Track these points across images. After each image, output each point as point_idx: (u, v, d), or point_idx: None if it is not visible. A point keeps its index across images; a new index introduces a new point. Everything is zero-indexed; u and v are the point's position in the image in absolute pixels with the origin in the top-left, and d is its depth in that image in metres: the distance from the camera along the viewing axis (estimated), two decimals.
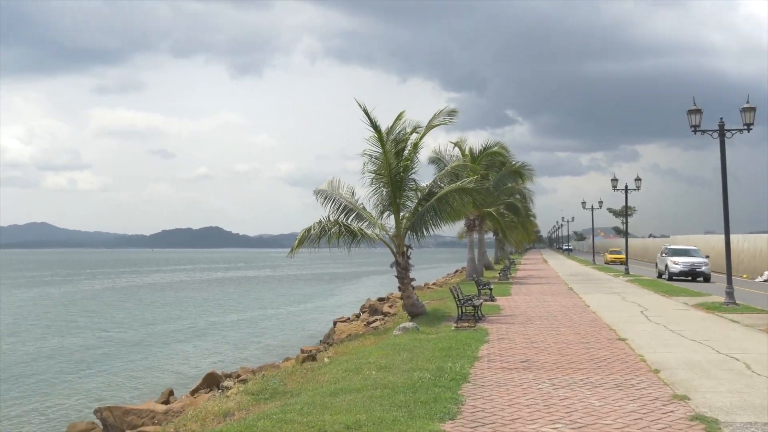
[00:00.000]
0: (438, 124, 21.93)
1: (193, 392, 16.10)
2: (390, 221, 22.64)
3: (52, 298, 63.13)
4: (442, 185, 22.52)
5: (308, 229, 20.48)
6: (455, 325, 18.34)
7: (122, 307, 53.12)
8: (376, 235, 21.76)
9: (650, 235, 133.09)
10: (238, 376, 16.85)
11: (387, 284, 70.86)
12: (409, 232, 22.21)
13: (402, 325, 18.11)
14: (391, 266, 22.31)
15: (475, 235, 51.58)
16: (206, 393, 15.27)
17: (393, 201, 22.13)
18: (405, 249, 22.19)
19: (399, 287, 22.38)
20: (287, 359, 18.15)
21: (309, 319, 44.13)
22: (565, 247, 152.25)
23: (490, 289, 27.52)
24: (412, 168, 22.30)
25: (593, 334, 16.87)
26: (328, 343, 21.67)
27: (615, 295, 30.14)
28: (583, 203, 72.71)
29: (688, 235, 74.11)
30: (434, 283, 49.40)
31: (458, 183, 22.08)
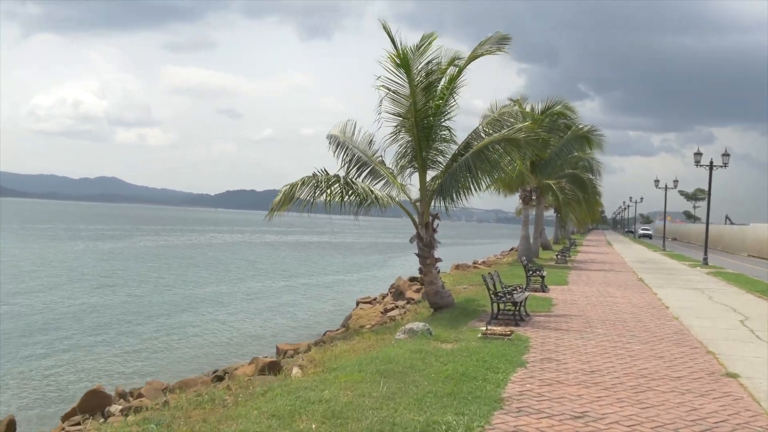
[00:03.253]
0: (484, 53, 16.51)
1: (65, 418, 11.39)
2: (413, 181, 17.47)
3: (101, 252, 60.52)
4: (483, 136, 17.14)
5: (294, 185, 15.40)
6: (485, 329, 13.15)
7: (151, 267, 49.48)
8: (392, 199, 16.58)
9: (726, 219, 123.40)
10: (139, 395, 12.06)
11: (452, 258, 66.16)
12: (436, 197, 16.99)
13: (409, 326, 13.01)
14: (411, 241, 17.17)
15: (533, 212, 46.09)
16: (81, 421, 10.54)
17: (418, 154, 16.93)
18: (430, 219, 17.00)
19: (420, 269, 17.24)
20: (254, 359, 13.36)
21: (345, 292, 39.43)
22: (642, 232, 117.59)
23: (542, 277, 22.14)
24: (447, 112, 17.01)
25: (683, 360, 11.47)
26: (321, 342, 16.57)
27: (697, 291, 24.40)
28: (656, 181, 65.92)
29: None
30: (483, 262, 43.96)
31: (504, 131, 16.70)
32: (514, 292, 16.17)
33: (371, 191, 15.96)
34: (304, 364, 11.83)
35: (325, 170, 15.85)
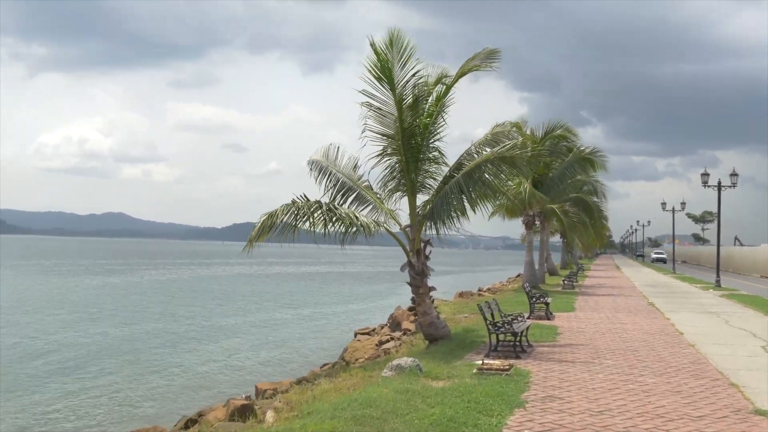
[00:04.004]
0: (473, 69, 15.40)
1: None
2: (403, 206, 16.29)
3: (105, 286, 59.36)
4: (476, 157, 15.95)
5: (272, 214, 14.20)
6: (481, 363, 11.88)
7: (150, 300, 48.20)
8: (378, 225, 15.36)
9: (736, 240, 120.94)
10: None
11: (458, 285, 64.74)
12: (428, 222, 15.78)
13: (397, 362, 11.74)
14: (402, 269, 15.94)
15: (537, 237, 44.77)
16: None
17: (406, 176, 15.77)
18: (422, 246, 15.79)
19: (412, 299, 15.99)
20: (228, 402, 12.09)
21: (345, 323, 38.03)
22: (655, 256, 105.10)
23: (546, 304, 20.84)
24: (436, 132, 15.88)
25: (704, 396, 10.17)
26: (304, 380, 15.24)
27: (712, 316, 23.04)
28: (663, 204, 64.61)
29: None
30: (488, 289, 42.57)
31: (496, 149, 15.54)
32: (515, 321, 14.91)
33: (356, 217, 14.76)
34: (279, 407, 10.58)
35: (305, 196, 14.67)
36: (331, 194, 16.56)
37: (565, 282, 36.44)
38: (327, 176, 16.75)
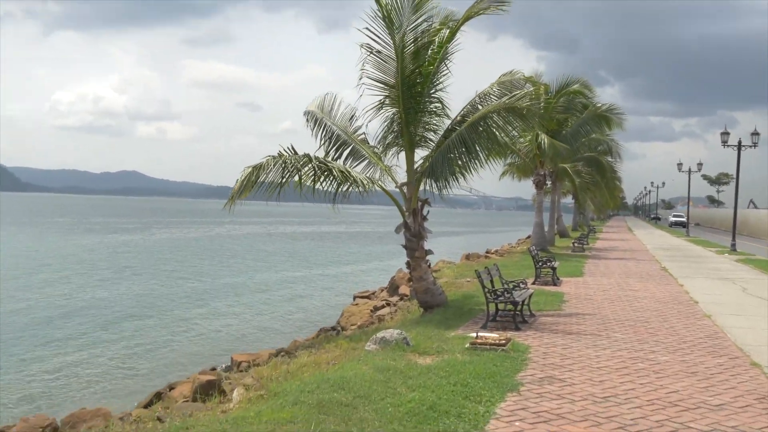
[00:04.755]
0: (480, 12, 13.99)
1: None
2: (400, 162, 15.07)
3: (109, 245, 58.40)
4: (481, 108, 14.62)
5: (257, 168, 13.01)
6: (475, 336, 10.77)
7: (158, 259, 47.41)
8: (373, 182, 14.16)
9: (751, 203, 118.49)
10: None
11: (467, 247, 63.53)
12: (427, 180, 14.57)
13: (381, 335, 10.64)
14: (397, 231, 14.78)
15: (548, 198, 43.48)
16: None
17: (405, 129, 14.52)
18: (419, 205, 14.62)
19: (407, 263, 14.87)
20: (197, 374, 11.10)
21: (347, 285, 37.00)
22: (674, 219, 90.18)
23: (553, 269, 19.70)
24: (438, 81, 14.57)
25: (724, 378, 9.03)
26: (283, 352, 14.12)
27: (727, 282, 21.85)
28: (680, 164, 62.96)
29: None
30: (496, 251, 41.37)
31: (504, 99, 14.21)
32: (516, 288, 13.77)
33: (348, 173, 13.57)
34: (249, 384, 9.54)
35: (292, 148, 13.46)
36: (326, 147, 15.42)
37: (575, 245, 35.28)
38: (322, 128, 15.58)
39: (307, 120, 15.94)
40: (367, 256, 57.45)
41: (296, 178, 13.36)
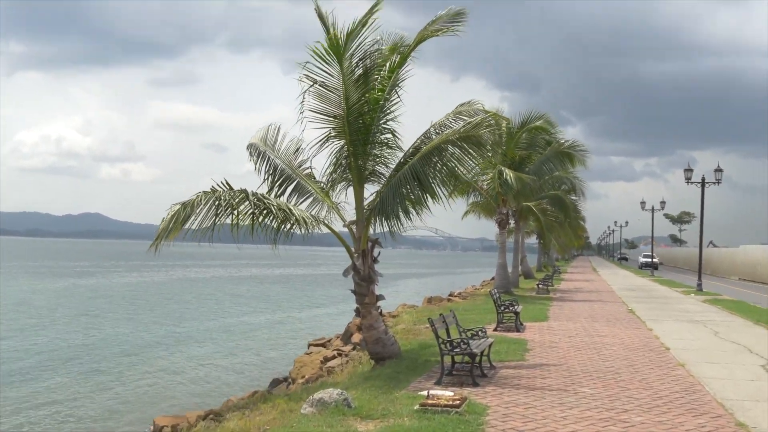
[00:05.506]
0: (434, 34, 12.94)
1: None
2: (350, 198, 13.88)
3: (56, 289, 55.82)
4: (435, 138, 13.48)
5: (187, 205, 11.71)
6: (426, 395, 9.49)
7: (111, 304, 45.29)
8: (317, 220, 12.94)
9: (710, 244, 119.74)
10: None
11: (431, 289, 62.16)
12: (377, 217, 13.36)
13: (320, 395, 9.30)
14: (345, 274, 13.53)
15: (512, 237, 42.59)
16: None
17: (352, 162, 13.36)
18: (368, 246, 13.39)
19: (356, 310, 13.59)
20: None
21: (304, 330, 35.34)
22: (644, 260, 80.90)
23: (516, 314, 18.53)
24: (389, 110, 13.46)
25: None
26: (212, 415, 12.54)
27: (698, 325, 20.88)
28: (643, 203, 62.69)
29: (762, 245, 63.91)
30: (459, 294, 40.20)
31: (459, 127, 13.10)
32: (475, 337, 12.57)
33: (290, 210, 12.31)
34: None
35: (227, 183, 12.19)
36: (270, 182, 14.18)
37: (540, 286, 34.26)
38: (265, 162, 14.36)
39: (250, 153, 14.72)
40: (331, 299, 55.85)
41: (232, 216, 12.11)
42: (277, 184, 14.09)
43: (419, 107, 13.34)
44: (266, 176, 14.25)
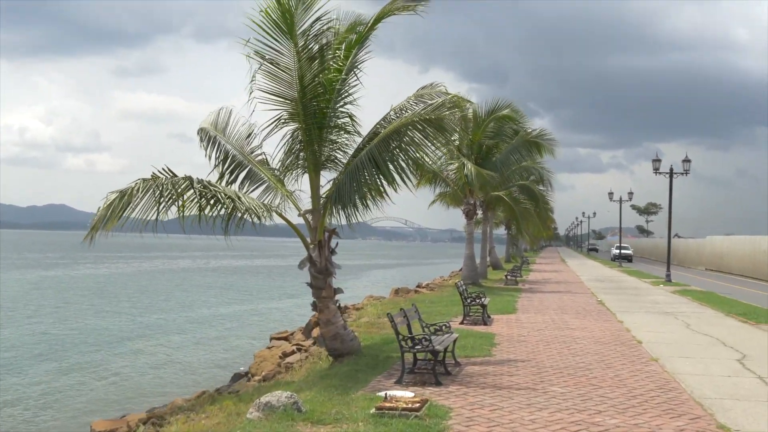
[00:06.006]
0: (394, 11, 12.12)
1: None
2: (305, 186, 13.03)
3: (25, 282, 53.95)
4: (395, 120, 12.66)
5: (125, 193, 10.78)
6: (384, 396, 8.73)
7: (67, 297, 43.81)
8: (267, 209, 12.10)
9: (675, 235, 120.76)
10: None
11: (399, 280, 61.61)
12: (334, 206, 12.55)
13: (267, 399, 8.47)
14: (301, 267, 12.70)
15: (479, 228, 42.05)
16: None
17: (306, 147, 12.52)
18: (325, 236, 12.57)
19: (313, 304, 12.77)
20: None
21: (268, 323, 34.37)
22: (618, 252, 71.54)
23: (483, 306, 17.85)
24: (346, 92, 12.63)
25: None
26: (154, 419, 11.56)
27: (669, 317, 20.41)
28: (611, 194, 62.64)
29: (728, 236, 64.27)
30: (427, 285, 39.56)
31: (419, 109, 12.32)
32: (438, 332, 11.83)
33: (239, 199, 11.44)
34: None
35: (169, 170, 11.28)
36: (221, 169, 13.33)
37: (508, 277, 33.72)
38: (215, 148, 13.49)
39: (201, 138, 13.83)
40: (296, 290, 54.87)
41: (177, 205, 11.21)
42: (228, 171, 13.24)
43: (387, 97, 12.74)
44: (217, 163, 13.40)
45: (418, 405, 8.27)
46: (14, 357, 23.63)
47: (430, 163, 14.49)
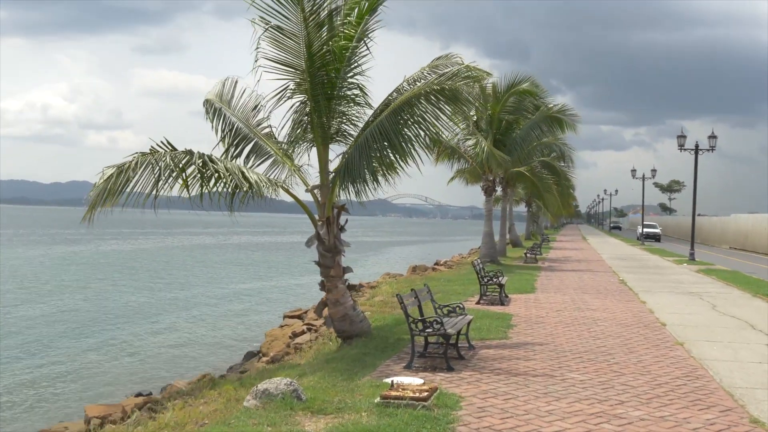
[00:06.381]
0: None
1: None
2: (313, 161, 12.45)
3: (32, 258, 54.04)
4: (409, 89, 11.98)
5: (122, 168, 10.23)
6: (390, 384, 8.19)
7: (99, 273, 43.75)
8: (274, 184, 11.55)
9: (698, 214, 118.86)
10: None
11: (418, 257, 61.08)
12: (343, 181, 11.95)
13: (265, 386, 7.95)
14: (308, 244, 12.15)
15: (499, 205, 41.37)
16: None
17: (314, 120, 11.92)
18: (333, 213, 12.00)
19: (321, 284, 12.24)
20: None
21: (284, 300, 33.98)
22: (647, 230, 67.63)
23: (500, 285, 17.25)
24: (356, 62, 11.97)
25: None
26: (151, 404, 11.03)
27: (693, 297, 19.70)
28: (633, 171, 61.62)
29: (753, 214, 63.03)
30: (445, 262, 39.05)
31: (432, 79, 11.65)
32: (452, 314, 11.27)
33: (242, 174, 10.87)
34: None
35: (168, 143, 10.72)
36: (225, 143, 12.80)
37: (528, 255, 33.06)
38: (221, 120, 12.96)
39: (207, 111, 13.31)
40: (311, 267, 54.36)
41: (179, 180, 10.68)
42: (233, 145, 12.68)
43: (406, 74, 11.89)
44: (223, 135, 12.86)
45: (426, 394, 7.71)
46: (34, 336, 23.37)
47: (445, 137, 13.76)
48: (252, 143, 12.62)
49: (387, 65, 12.32)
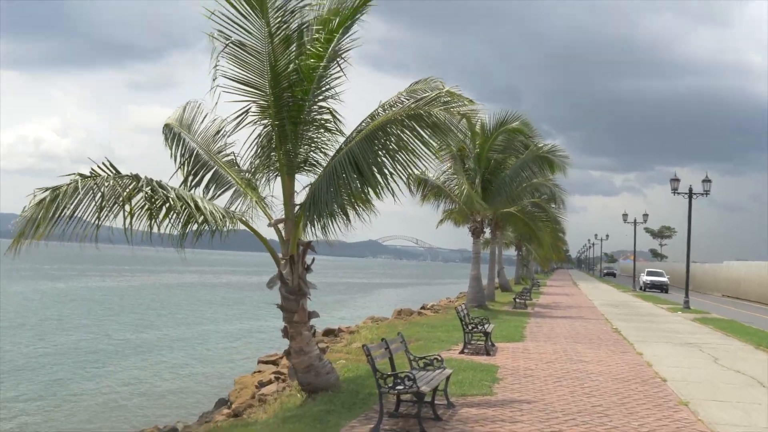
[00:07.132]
0: None
1: None
2: (277, 192, 11.24)
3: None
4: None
5: (58, 192, 8.94)
6: None
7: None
8: (230, 217, 10.27)
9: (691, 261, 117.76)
10: None
11: (406, 300, 59.68)
12: (310, 215, 10.68)
13: None
14: (270, 285, 10.86)
15: (488, 249, 40.22)
16: None
17: (278, 146, 10.72)
18: (299, 251, 10.73)
19: (284, 330, 10.90)
20: None
21: (264, 340, 32.40)
22: (650, 278, 61.75)
23: (486, 334, 15.93)
24: (326, 84, 10.82)
25: None
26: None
27: (692, 349, 18.44)
28: (625, 215, 60.64)
29: (745, 261, 62.22)
30: (432, 306, 37.59)
31: (409, 102, 10.48)
32: (428, 367, 9.97)
33: (194, 203, 9.59)
34: None
35: (111, 166, 9.46)
36: (185, 169, 11.59)
37: (517, 300, 31.75)
38: (180, 146, 11.77)
39: (165, 136, 12.13)
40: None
41: (125, 209, 9.41)
42: (192, 173, 11.48)
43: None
44: (182, 162, 11.65)
45: None
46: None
47: (426, 172, 12.62)
48: (212, 171, 11.44)
49: (374, 101, 11.15)
